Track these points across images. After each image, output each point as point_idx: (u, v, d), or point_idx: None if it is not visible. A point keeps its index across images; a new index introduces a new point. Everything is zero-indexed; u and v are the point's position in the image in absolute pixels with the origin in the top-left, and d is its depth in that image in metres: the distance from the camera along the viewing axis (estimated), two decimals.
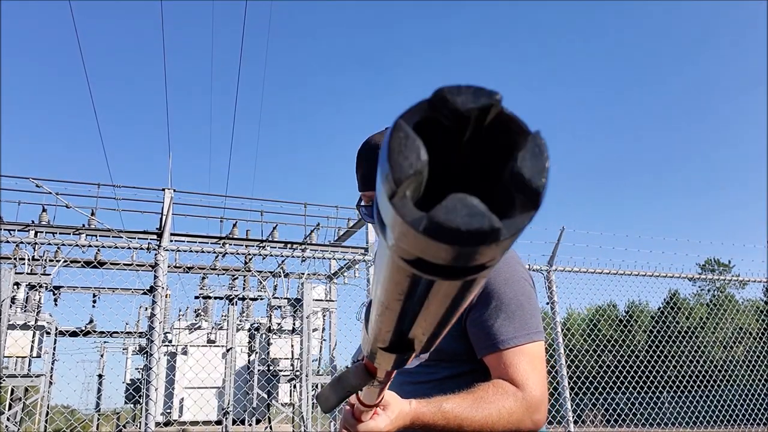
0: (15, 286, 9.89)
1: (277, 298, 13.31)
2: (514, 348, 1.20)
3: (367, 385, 0.70)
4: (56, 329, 13.56)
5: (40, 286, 10.57)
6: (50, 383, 13.86)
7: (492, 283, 1.24)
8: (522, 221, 0.27)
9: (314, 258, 7.78)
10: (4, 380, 9.67)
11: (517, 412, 1.13)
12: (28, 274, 10.14)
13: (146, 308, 15.64)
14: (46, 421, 14.10)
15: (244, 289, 14.64)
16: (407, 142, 0.27)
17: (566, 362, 6.22)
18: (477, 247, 0.26)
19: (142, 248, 5.91)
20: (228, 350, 15.34)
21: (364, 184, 1.27)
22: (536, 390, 1.17)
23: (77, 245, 9.94)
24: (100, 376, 21.19)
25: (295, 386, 15.19)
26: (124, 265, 10.32)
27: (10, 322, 9.45)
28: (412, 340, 0.44)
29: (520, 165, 0.27)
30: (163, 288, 5.01)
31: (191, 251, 5.67)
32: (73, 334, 14.66)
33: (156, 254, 5.08)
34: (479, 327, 1.24)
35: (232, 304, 15.53)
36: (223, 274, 12.89)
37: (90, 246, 9.89)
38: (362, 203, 1.29)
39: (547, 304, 6.37)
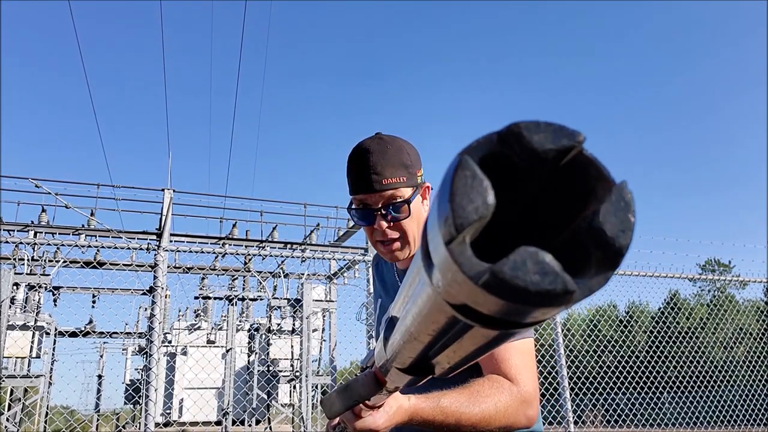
0: (14, 287, 9.88)
1: (277, 298, 13.30)
2: (505, 344, 1.20)
3: (375, 395, 0.69)
4: (56, 330, 13.54)
5: (40, 287, 10.55)
6: (50, 384, 13.84)
7: None
8: (598, 283, 0.24)
9: (314, 258, 7.78)
10: (3, 381, 9.66)
11: (512, 407, 1.14)
12: (27, 274, 10.12)
13: (146, 308, 15.64)
14: (45, 422, 14.09)
15: (243, 289, 14.63)
16: (474, 183, 0.23)
17: (566, 362, 6.21)
18: (542, 308, 0.23)
19: (141, 248, 5.90)
20: (228, 351, 15.32)
21: (354, 188, 1.27)
22: (529, 385, 1.18)
23: (77, 245, 9.94)
24: (99, 376, 21.17)
25: (294, 387, 15.19)
26: (124, 265, 10.30)
27: (10, 323, 9.44)
28: (433, 366, 0.41)
29: (602, 219, 0.24)
30: (162, 288, 5.00)
31: (191, 251, 5.67)
32: (73, 334, 14.65)
33: (156, 254, 5.07)
34: None
35: (232, 305, 15.52)
36: (223, 274, 12.88)
37: (89, 246, 9.89)
38: (353, 206, 1.30)
39: None
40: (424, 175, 1.34)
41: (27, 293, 10.59)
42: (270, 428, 15.56)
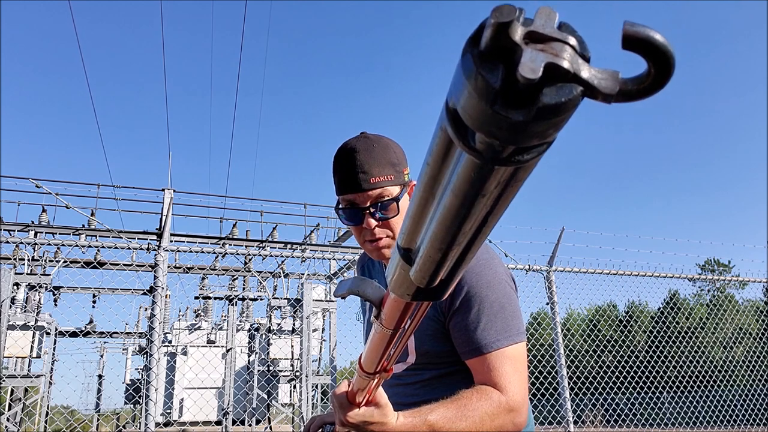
0: (15, 287, 9.88)
1: (277, 298, 13.29)
2: (496, 351, 1.22)
3: (372, 317, 0.70)
4: (56, 330, 13.55)
5: (40, 287, 10.54)
6: (50, 384, 13.85)
7: (474, 286, 1.25)
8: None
9: (314, 258, 7.78)
10: (3, 381, 9.66)
11: (500, 417, 1.16)
12: (27, 274, 10.12)
13: (146, 308, 15.64)
14: (45, 422, 14.10)
15: (244, 289, 14.63)
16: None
17: (566, 362, 6.22)
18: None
19: (141, 248, 5.90)
20: (228, 350, 15.32)
21: (342, 188, 1.27)
22: (518, 394, 1.19)
23: (77, 245, 9.93)
24: (99, 376, 21.17)
25: (294, 386, 15.18)
26: (124, 265, 10.30)
27: (10, 323, 9.44)
28: (417, 252, 0.43)
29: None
30: (162, 288, 5.01)
31: (191, 251, 5.67)
32: (73, 334, 14.64)
33: (156, 254, 5.07)
34: (462, 331, 1.26)
35: (232, 305, 15.52)
36: (223, 274, 12.87)
37: (90, 246, 9.88)
38: (341, 206, 1.29)
39: (547, 304, 6.36)
40: (411, 173, 1.33)
41: (27, 293, 10.59)
42: (270, 428, 15.55)
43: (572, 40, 0.28)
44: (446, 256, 0.39)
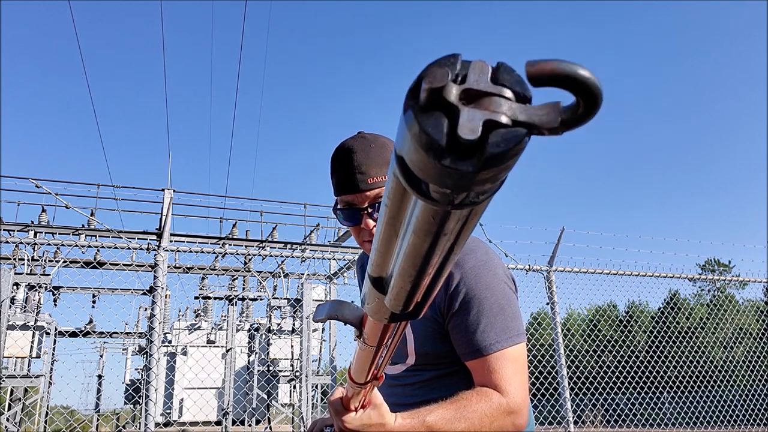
0: (14, 287, 9.88)
1: (277, 298, 13.30)
2: (496, 353, 1.22)
3: (354, 336, 0.71)
4: (56, 330, 13.55)
5: (40, 287, 10.55)
6: (50, 384, 13.85)
7: (473, 288, 1.25)
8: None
9: (314, 258, 7.77)
10: (3, 381, 9.66)
11: (499, 419, 1.15)
12: (27, 274, 10.12)
13: (146, 308, 15.64)
14: (45, 422, 14.10)
15: (243, 289, 14.63)
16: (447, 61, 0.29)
17: (566, 362, 6.21)
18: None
19: (141, 248, 5.90)
20: (228, 351, 15.32)
21: (339, 188, 1.26)
22: (518, 396, 1.19)
23: (77, 245, 9.93)
24: (99, 376, 21.18)
25: (294, 387, 15.18)
26: (124, 265, 10.29)
27: (10, 323, 9.44)
28: (388, 281, 0.43)
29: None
30: (162, 288, 5.00)
31: (191, 251, 5.67)
32: (73, 334, 14.64)
33: (156, 254, 5.07)
34: (462, 333, 1.25)
35: (232, 305, 15.52)
36: (223, 274, 12.87)
37: (89, 246, 9.88)
38: (339, 207, 1.29)
39: (547, 304, 6.36)
40: None
41: (27, 293, 10.59)
42: (270, 428, 15.55)
43: (507, 93, 0.28)
44: (417, 285, 0.40)
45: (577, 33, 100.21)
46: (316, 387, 12.76)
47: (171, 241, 9.73)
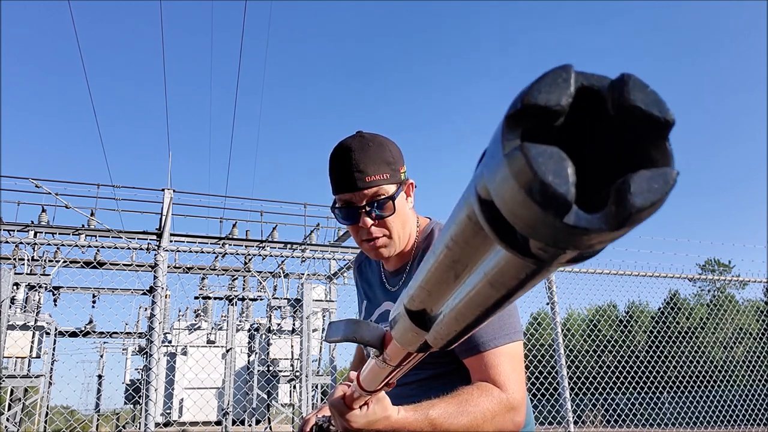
0: (14, 287, 9.88)
1: (277, 298, 13.29)
2: (494, 349, 1.21)
3: (373, 355, 0.68)
4: (56, 330, 13.55)
5: (40, 287, 10.55)
6: (50, 384, 13.85)
7: None
8: (598, 233, 0.21)
9: (314, 258, 7.77)
10: (3, 381, 9.66)
11: (500, 415, 1.15)
12: (27, 274, 10.12)
13: (146, 308, 15.64)
14: (45, 422, 14.09)
15: (243, 289, 14.63)
16: (560, 81, 0.22)
17: (566, 362, 6.21)
18: (539, 211, 0.21)
19: (141, 248, 5.90)
20: (228, 351, 15.32)
21: (337, 187, 1.26)
22: (518, 392, 1.19)
23: (77, 245, 9.94)
24: (99, 376, 21.16)
25: (294, 387, 15.18)
26: (124, 265, 10.29)
27: (10, 323, 9.44)
28: (432, 318, 0.41)
29: (635, 183, 0.22)
30: (162, 288, 5.00)
31: (191, 251, 5.67)
32: (73, 334, 14.64)
33: (156, 254, 5.07)
34: None
35: (232, 305, 15.52)
36: (223, 274, 12.88)
37: (89, 246, 9.89)
38: (337, 206, 1.29)
39: (547, 304, 6.36)
40: (408, 172, 1.32)
41: (27, 293, 10.59)
42: (270, 428, 15.55)
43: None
44: (470, 329, 0.37)
45: (577, 33, 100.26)
46: (316, 387, 12.74)
47: (171, 241, 9.75)
